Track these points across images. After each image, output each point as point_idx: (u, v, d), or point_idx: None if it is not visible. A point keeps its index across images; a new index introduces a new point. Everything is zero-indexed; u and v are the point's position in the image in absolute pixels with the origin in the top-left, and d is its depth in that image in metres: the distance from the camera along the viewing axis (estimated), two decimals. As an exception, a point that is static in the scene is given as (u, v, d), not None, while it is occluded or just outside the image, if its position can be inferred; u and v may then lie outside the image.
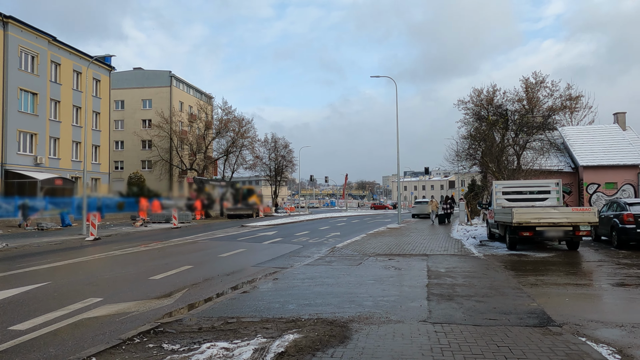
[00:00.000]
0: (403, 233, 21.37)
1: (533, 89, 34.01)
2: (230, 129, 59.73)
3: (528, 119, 26.63)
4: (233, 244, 17.80)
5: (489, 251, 14.45)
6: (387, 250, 14.81)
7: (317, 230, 24.76)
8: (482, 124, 27.34)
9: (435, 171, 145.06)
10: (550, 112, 31.15)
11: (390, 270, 11.05)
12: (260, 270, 11.59)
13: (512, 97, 29.46)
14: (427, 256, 13.53)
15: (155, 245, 17.31)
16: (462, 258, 13.00)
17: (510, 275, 10.09)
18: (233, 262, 13.04)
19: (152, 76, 62.85)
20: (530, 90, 32.89)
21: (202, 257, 14.05)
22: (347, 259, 13.02)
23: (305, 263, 12.43)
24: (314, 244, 17.88)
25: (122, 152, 61.86)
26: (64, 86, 40.68)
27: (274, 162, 73.45)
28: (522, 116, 27.10)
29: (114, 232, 23.90)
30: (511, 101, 29.67)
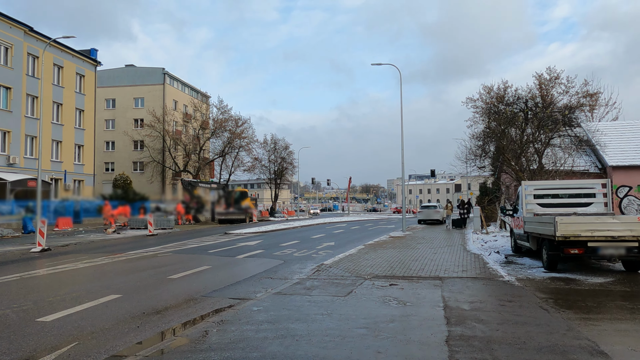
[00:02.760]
0: (408, 244, 18.03)
1: (547, 86, 30.74)
2: (226, 129, 56.66)
3: (551, 111, 23.24)
4: (199, 258, 14.54)
5: (521, 272, 11.11)
6: (388, 270, 11.51)
7: (308, 240, 21.45)
8: (499, 118, 23.96)
9: (440, 174, 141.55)
10: (569, 108, 27.81)
11: (390, 305, 7.76)
12: (210, 303, 8.33)
13: (525, 94, 26.26)
14: (440, 280, 10.21)
15: (103, 260, 14.09)
16: (488, 284, 9.67)
17: (571, 318, 6.77)
18: (181, 288, 9.78)
19: (144, 73, 59.95)
20: (544, 87, 29.65)
21: (145, 279, 10.80)
22: (334, 284, 9.73)
23: (276, 291, 9.16)
24: (298, 258, 14.60)
25: (113, 153, 58.91)
26: (43, 80, 37.54)
27: (274, 164, 70.29)
28: (545, 107, 23.71)
29: (75, 241, 20.73)
30: (523, 98, 26.40)
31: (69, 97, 40.81)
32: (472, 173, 51.12)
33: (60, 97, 39.67)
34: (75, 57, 41.69)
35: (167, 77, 59.51)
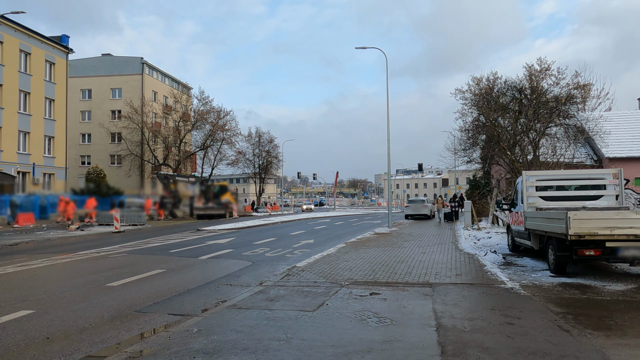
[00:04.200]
0: (394, 242, 16.40)
1: (537, 77, 29.36)
2: (208, 121, 54.57)
3: (548, 99, 21.76)
4: (155, 259, 12.74)
5: (524, 277, 9.52)
6: (370, 274, 9.84)
7: (286, 237, 19.72)
8: (491, 107, 22.41)
9: (428, 169, 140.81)
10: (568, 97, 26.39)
11: (369, 325, 6.10)
12: (141, 322, 6.59)
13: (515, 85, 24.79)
14: (431, 287, 8.58)
15: (43, 262, 12.23)
16: (488, 292, 8.05)
17: (605, 346, 5.15)
18: (116, 299, 8.01)
19: (122, 63, 57.48)
20: (534, 78, 28.21)
21: (77, 287, 9.00)
22: (303, 294, 8.05)
23: (230, 303, 7.44)
24: (270, 259, 12.88)
25: (89, 146, 56.51)
26: (8, 67, 35.26)
27: (259, 157, 68.36)
28: (540, 95, 22.22)
29: (31, 239, 18.74)
30: (518, 86, 24.93)
31: (37, 85, 38.42)
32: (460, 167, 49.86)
33: (27, 86, 37.27)
34: (44, 44, 39.27)
35: (146, 66, 57.14)
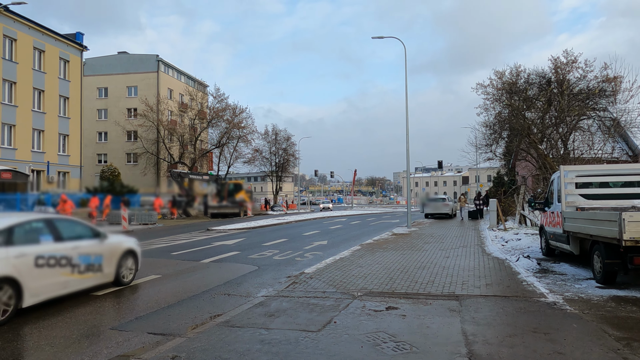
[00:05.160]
0: (414, 244, 15.15)
1: (563, 70, 27.58)
2: (223, 118, 53.89)
3: (579, 91, 20.16)
4: (153, 263, 11.77)
5: (566, 288, 8.22)
6: (387, 283, 8.67)
7: (298, 238, 18.62)
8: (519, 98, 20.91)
9: (447, 167, 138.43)
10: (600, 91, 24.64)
11: (385, 351, 5.00)
12: (112, 344, 5.56)
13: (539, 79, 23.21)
14: (457, 299, 7.37)
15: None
16: (527, 308, 6.80)
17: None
18: (95, 312, 7.05)
19: (137, 61, 57.22)
20: (560, 71, 26.42)
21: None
22: (309, 308, 6.93)
23: (223, 319, 6.38)
24: (277, 263, 11.79)
25: (106, 144, 56.38)
26: (22, 65, 34.99)
27: (275, 155, 67.49)
28: (569, 87, 20.62)
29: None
30: (546, 77, 23.36)
31: (51, 83, 38.12)
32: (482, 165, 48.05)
33: (42, 84, 36.99)
34: (58, 41, 38.95)
35: (162, 64, 56.77)
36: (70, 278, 7.52)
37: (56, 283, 7.25)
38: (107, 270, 8.36)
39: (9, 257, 6.52)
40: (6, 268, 6.39)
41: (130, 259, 9.07)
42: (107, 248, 8.48)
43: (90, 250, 8.04)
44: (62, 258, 7.35)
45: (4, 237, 6.66)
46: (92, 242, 8.21)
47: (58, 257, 7.30)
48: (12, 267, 6.48)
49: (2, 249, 6.51)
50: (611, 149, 19.94)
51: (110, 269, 8.47)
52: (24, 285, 6.58)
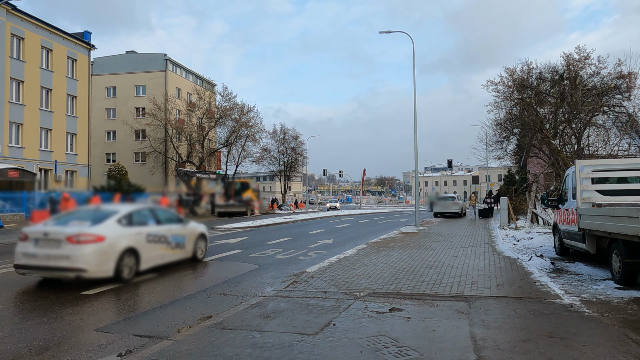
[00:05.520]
0: (422, 243, 14.68)
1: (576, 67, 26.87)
2: (231, 117, 53.69)
3: (593, 85, 19.51)
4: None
5: (583, 289, 7.73)
6: (391, 283, 8.24)
7: (303, 236, 18.23)
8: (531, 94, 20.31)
9: (457, 166, 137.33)
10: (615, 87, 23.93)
11: (386, 357, 4.55)
12: (95, 348, 5.21)
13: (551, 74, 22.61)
14: (466, 300, 6.92)
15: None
16: (541, 311, 6.33)
17: None
18: (83, 312, 6.72)
19: (145, 60, 57.22)
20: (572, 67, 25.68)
21: (49, 297, 7.75)
22: (308, 309, 6.53)
23: (216, 321, 6.00)
24: (279, 262, 11.40)
25: (114, 144, 56.46)
26: (29, 64, 35.03)
27: (283, 155, 67.18)
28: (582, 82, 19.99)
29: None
30: (560, 71, 22.73)
31: (59, 82, 38.14)
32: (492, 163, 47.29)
33: (49, 83, 37.01)
34: (66, 40, 38.97)
35: (170, 63, 56.70)
36: (165, 252, 10.04)
37: (158, 255, 9.74)
38: (188, 248, 10.86)
39: (131, 233, 9.04)
40: (130, 241, 8.88)
41: (203, 241, 11.67)
42: (188, 231, 11.00)
43: (178, 232, 10.55)
44: (161, 236, 9.90)
45: (127, 219, 9.12)
46: (179, 226, 10.73)
47: (159, 235, 9.83)
48: (134, 241, 8.96)
49: (127, 228, 9.02)
50: (627, 145, 19.29)
51: (190, 247, 10.97)
52: (141, 254, 9.07)
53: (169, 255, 10.09)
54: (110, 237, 8.53)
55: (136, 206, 10.17)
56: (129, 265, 8.76)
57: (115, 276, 8.47)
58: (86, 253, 8.08)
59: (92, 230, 8.40)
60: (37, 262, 8.18)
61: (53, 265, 8.11)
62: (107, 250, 8.41)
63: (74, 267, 7.99)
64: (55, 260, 8.06)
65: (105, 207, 9.82)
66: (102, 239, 8.36)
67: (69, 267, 8.00)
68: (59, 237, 8.19)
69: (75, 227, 8.48)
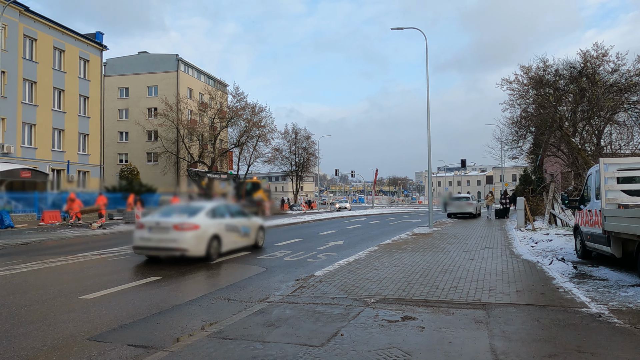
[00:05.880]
0: (436, 245, 14.19)
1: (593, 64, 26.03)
2: (242, 117, 53.54)
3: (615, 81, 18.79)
4: (156, 263, 11.15)
5: (610, 296, 7.21)
6: (404, 288, 7.80)
7: (313, 237, 17.84)
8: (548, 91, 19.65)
9: (471, 166, 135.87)
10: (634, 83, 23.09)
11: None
12: (84, 359, 4.86)
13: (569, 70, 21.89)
14: (484, 308, 6.46)
15: (33, 266, 10.90)
16: (566, 320, 5.85)
17: None
18: (78, 319, 6.39)
19: (157, 60, 57.35)
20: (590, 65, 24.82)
21: (46, 299, 7.53)
22: (314, 317, 6.13)
23: (216, 329, 5.63)
24: (288, 264, 11.02)
25: (127, 144, 56.68)
26: (42, 65, 35.22)
27: (295, 155, 66.87)
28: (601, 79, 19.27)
29: (45, 238, 17.75)
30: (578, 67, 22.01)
31: (71, 83, 38.31)
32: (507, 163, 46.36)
33: (61, 83, 37.17)
34: (78, 41, 39.13)
35: (182, 63, 56.76)
36: (237, 239, 12.66)
37: (232, 241, 12.34)
38: (251, 236, 13.53)
39: (215, 223, 11.63)
40: (215, 229, 11.50)
41: (261, 231, 14.39)
42: (252, 223, 13.77)
43: (245, 224, 13.28)
44: (235, 226, 12.61)
45: (212, 213, 11.81)
46: (245, 219, 13.55)
47: (234, 225, 12.53)
48: (217, 229, 11.58)
49: (213, 219, 11.64)
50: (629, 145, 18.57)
51: (253, 236, 13.66)
52: (222, 239, 11.71)
53: (239, 242, 12.76)
54: (203, 225, 11.16)
55: (217, 203, 12.96)
56: (215, 247, 11.37)
57: (206, 255, 11.04)
58: (187, 237, 10.74)
59: (190, 220, 11.07)
60: (151, 244, 10.96)
61: (164, 246, 10.87)
62: (201, 235, 11.01)
63: (179, 248, 10.72)
64: (165, 242, 10.80)
65: (196, 203, 13.04)
66: (198, 227, 10.98)
67: (176, 247, 10.74)
68: (167, 225, 10.91)
69: (178, 218, 11.19)
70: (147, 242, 10.97)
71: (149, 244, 10.97)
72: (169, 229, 10.82)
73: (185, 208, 12.07)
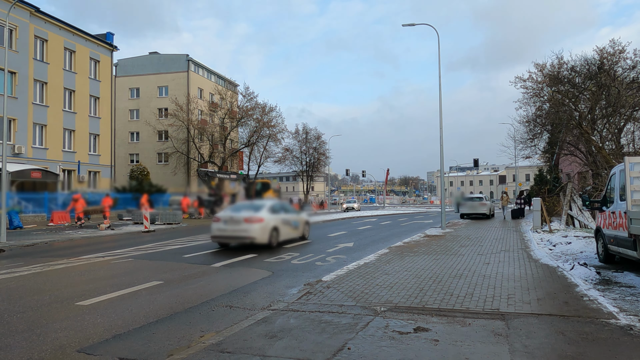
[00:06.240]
0: (449, 247, 13.69)
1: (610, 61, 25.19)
2: (252, 117, 53.27)
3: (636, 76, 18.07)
4: (160, 267, 10.83)
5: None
6: (416, 295, 7.36)
7: (322, 239, 17.42)
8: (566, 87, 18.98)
9: (483, 166, 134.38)
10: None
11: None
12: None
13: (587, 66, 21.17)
14: (503, 319, 6.00)
15: (35, 269, 10.65)
16: (594, 333, 5.36)
17: None
18: (70, 327, 6.07)
19: (168, 61, 57.39)
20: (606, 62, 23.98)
21: (41, 306, 7.24)
22: (320, 327, 5.72)
23: (214, 341, 5.25)
24: (295, 268, 10.63)
25: (138, 144, 56.80)
26: (53, 65, 35.29)
27: (306, 155, 66.46)
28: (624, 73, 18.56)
29: (49, 239, 17.58)
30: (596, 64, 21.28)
31: (82, 83, 38.37)
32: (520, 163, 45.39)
33: (72, 84, 37.23)
34: (88, 41, 39.18)
35: (192, 63, 56.71)
36: (290, 231, 15.38)
37: (287, 232, 15.06)
38: (300, 229, 16.29)
39: (274, 217, 14.28)
40: (275, 222, 14.16)
41: (307, 225, 17.29)
42: (300, 218, 16.52)
43: (295, 219, 15.97)
44: (288, 220, 15.31)
45: (272, 209, 14.48)
46: (295, 214, 16.22)
47: (287, 220, 15.22)
48: (276, 222, 14.25)
49: (272, 215, 14.30)
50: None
51: (301, 230, 16.41)
52: (280, 230, 14.42)
53: (292, 233, 15.58)
54: (266, 219, 13.96)
55: (274, 201, 16.03)
56: (275, 237, 14.19)
57: (268, 243, 13.82)
58: (255, 228, 13.60)
59: (256, 215, 13.89)
60: (227, 233, 13.91)
61: (236, 235, 13.79)
62: (265, 226, 13.80)
63: (249, 236, 13.59)
64: (237, 232, 13.69)
65: (258, 202, 15.90)
66: (262, 220, 13.82)
67: (246, 236, 13.60)
68: (239, 219, 13.76)
69: (247, 213, 14.00)
70: (222, 232, 13.88)
71: (224, 233, 13.87)
72: (240, 221, 13.60)
73: (250, 205, 14.89)
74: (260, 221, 13.56)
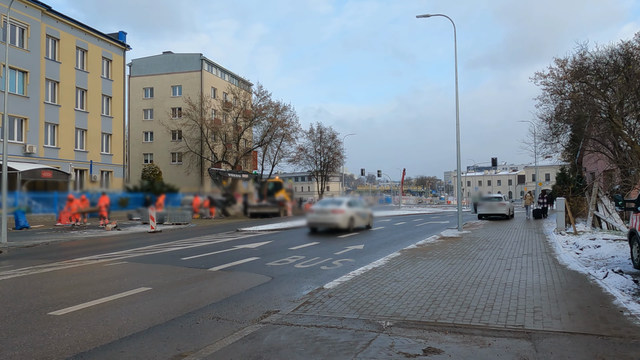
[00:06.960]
0: (466, 251, 12.71)
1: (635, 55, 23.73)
2: (266, 116, 52.69)
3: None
4: (153, 270, 10.13)
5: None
6: (428, 306, 6.48)
7: (331, 240, 16.53)
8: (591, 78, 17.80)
9: (502, 166, 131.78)
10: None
11: None
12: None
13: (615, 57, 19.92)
14: (529, 338, 5.10)
15: (20, 272, 10.05)
16: (642, 360, 4.44)
17: None
18: (32, 345, 5.36)
19: (182, 60, 57.19)
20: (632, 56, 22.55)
21: (11, 316, 6.58)
22: (314, 346, 4.90)
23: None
24: (297, 273, 9.81)
25: (152, 144, 56.73)
26: (65, 65, 35.14)
27: (320, 154, 65.66)
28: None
29: (50, 240, 17.11)
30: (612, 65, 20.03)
31: (94, 82, 38.21)
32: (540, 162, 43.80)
33: (84, 83, 37.07)
34: (101, 41, 39.01)
35: (205, 63, 56.40)
36: (361, 221, 20.51)
37: (359, 221, 20.30)
38: (367, 220, 21.39)
39: (351, 210, 19.77)
40: (351, 214, 19.61)
41: (371, 218, 22.17)
42: (367, 211, 21.62)
43: (364, 212, 21.18)
44: (360, 213, 20.66)
45: (350, 204, 20.26)
46: (363, 208, 21.44)
47: (359, 212, 20.60)
48: (352, 214, 19.66)
49: (350, 208, 19.85)
50: None
51: (367, 220, 21.48)
52: (355, 220, 19.83)
53: (362, 222, 20.69)
54: (346, 211, 19.14)
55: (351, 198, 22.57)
56: (351, 224, 19.14)
57: (347, 228, 18.80)
58: (339, 217, 18.77)
59: (339, 207, 19.17)
60: (318, 221, 19.14)
61: (325, 222, 18.90)
62: (346, 216, 18.94)
63: (334, 223, 18.74)
64: (326, 220, 18.87)
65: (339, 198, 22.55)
66: (343, 212, 19.03)
67: (332, 222, 18.75)
68: (327, 210, 19.16)
69: (332, 206, 19.40)
70: (315, 219, 19.23)
71: (317, 220, 19.18)
72: (328, 212, 19.00)
73: (333, 201, 20.76)
74: (342, 212, 18.92)
